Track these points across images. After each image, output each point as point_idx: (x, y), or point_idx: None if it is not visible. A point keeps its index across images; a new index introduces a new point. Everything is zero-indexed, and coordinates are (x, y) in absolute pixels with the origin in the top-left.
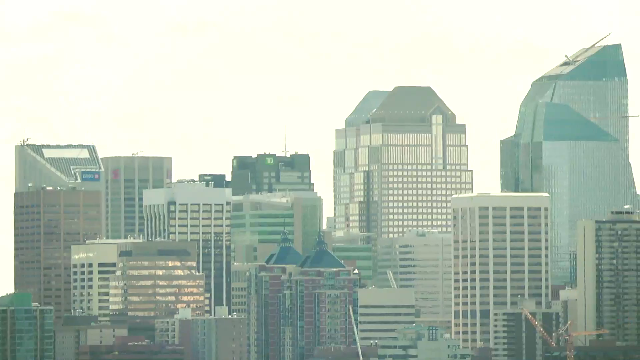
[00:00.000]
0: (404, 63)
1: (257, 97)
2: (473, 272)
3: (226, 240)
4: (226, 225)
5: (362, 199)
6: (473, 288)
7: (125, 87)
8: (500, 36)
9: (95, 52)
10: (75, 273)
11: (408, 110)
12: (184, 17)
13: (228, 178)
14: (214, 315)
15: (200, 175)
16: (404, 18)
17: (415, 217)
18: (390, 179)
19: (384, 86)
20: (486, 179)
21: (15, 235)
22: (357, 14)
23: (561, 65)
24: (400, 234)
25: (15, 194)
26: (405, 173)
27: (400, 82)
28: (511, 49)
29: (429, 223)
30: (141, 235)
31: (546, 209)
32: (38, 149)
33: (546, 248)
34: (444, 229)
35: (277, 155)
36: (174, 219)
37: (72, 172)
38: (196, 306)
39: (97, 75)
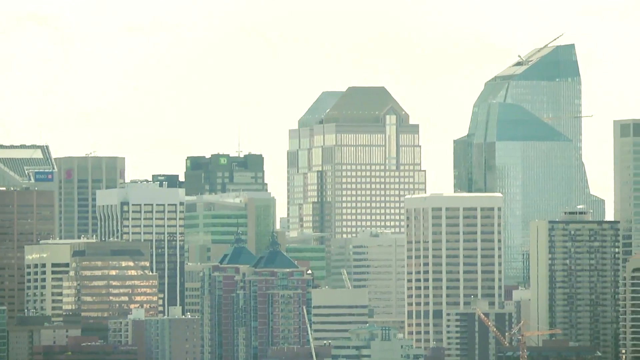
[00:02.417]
0: (358, 63)
1: (210, 98)
2: (426, 272)
3: (180, 241)
4: (180, 226)
5: (315, 200)
6: (426, 288)
7: (79, 88)
8: (453, 37)
9: (49, 52)
10: (28, 273)
11: (362, 110)
12: (138, 17)
13: (181, 178)
14: (168, 316)
15: (153, 176)
16: (357, 18)
17: (368, 217)
18: (344, 179)
19: (337, 86)
20: (439, 179)
21: None
22: (311, 14)
23: (514, 65)
24: (354, 235)
25: None
26: (358, 173)
27: (353, 82)
28: (464, 50)
29: (383, 223)
30: (94, 236)
31: (499, 209)
32: None
33: (499, 248)
34: (397, 230)
35: (230, 155)
36: (127, 219)
37: (26, 172)
38: (149, 306)
39: (51, 75)
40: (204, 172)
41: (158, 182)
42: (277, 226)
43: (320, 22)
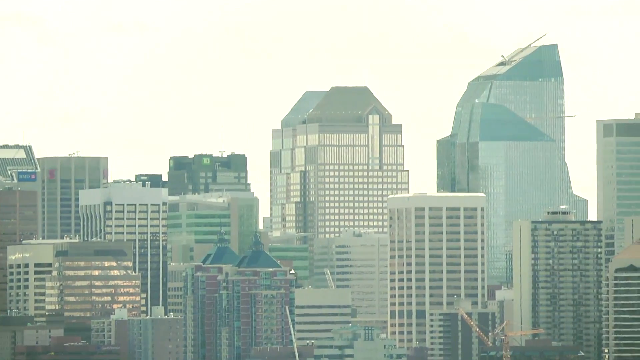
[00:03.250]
0: (341, 63)
1: (193, 98)
2: (409, 272)
3: (162, 241)
4: (162, 226)
5: (298, 199)
6: (409, 288)
7: (62, 88)
8: (436, 37)
9: (32, 52)
10: (11, 273)
11: (344, 110)
12: (121, 18)
13: (164, 178)
14: (150, 316)
15: (136, 176)
16: (341, 18)
17: (351, 217)
18: (327, 179)
19: (320, 86)
20: (422, 179)
21: None
22: (294, 14)
23: (497, 65)
24: (337, 234)
25: None
26: (341, 173)
27: (336, 82)
28: (447, 50)
29: (366, 223)
30: (77, 236)
31: (482, 209)
32: None
33: (482, 248)
34: (380, 229)
35: (213, 155)
36: (111, 219)
37: (9, 172)
38: (132, 306)
39: (34, 75)
40: (187, 172)
41: (141, 182)
42: (260, 226)
43: (303, 22)
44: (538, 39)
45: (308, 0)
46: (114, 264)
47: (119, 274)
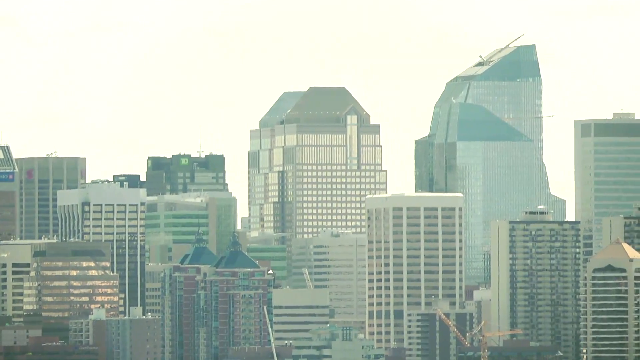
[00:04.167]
0: (319, 64)
1: (172, 98)
2: (387, 272)
3: (140, 241)
4: (140, 226)
5: (276, 200)
6: (387, 288)
7: (40, 87)
8: (414, 37)
9: (9, 52)
10: None
11: (323, 110)
12: (99, 18)
13: (142, 178)
14: (128, 316)
15: (114, 176)
16: (318, 19)
17: (329, 217)
18: (305, 180)
19: (298, 87)
20: (400, 179)
21: None
22: (272, 14)
23: (475, 65)
24: (315, 235)
25: None
26: (319, 173)
27: (314, 82)
28: (425, 50)
29: (344, 223)
30: (55, 236)
31: (460, 209)
32: None
33: (460, 248)
34: (358, 230)
35: (191, 155)
36: (88, 219)
37: None
38: (110, 307)
39: (11, 75)
40: (165, 172)
41: (119, 182)
42: (238, 226)
43: (281, 23)
44: (516, 40)
45: (286, 1)
46: (92, 264)
47: (97, 274)
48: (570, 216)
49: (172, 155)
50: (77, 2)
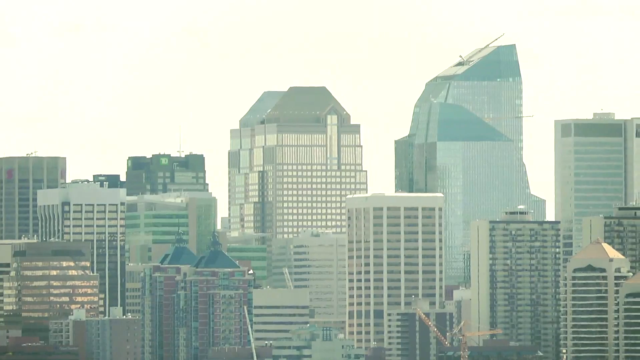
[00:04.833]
0: (299, 63)
1: (152, 98)
2: (367, 272)
3: (120, 241)
4: (120, 226)
5: (256, 199)
6: (367, 288)
7: (20, 87)
8: (394, 36)
9: None
10: None
11: (303, 110)
12: (78, 18)
13: (122, 178)
14: (108, 316)
15: (94, 176)
16: (298, 18)
17: (309, 217)
18: (285, 179)
19: (278, 86)
20: (381, 179)
21: None
22: (251, 14)
23: (455, 65)
24: (295, 234)
25: None
26: (300, 173)
27: (295, 82)
28: (405, 50)
29: (324, 223)
30: (35, 236)
31: (440, 209)
32: None
33: (440, 248)
34: (338, 230)
35: (171, 155)
36: (68, 219)
37: None
38: (90, 307)
39: None
40: (145, 172)
41: (99, 182)
42: (218, 226)
43: (261, 22)
44: (496, 39)
45: (266, 2)
46: (72, 264)
47: (77, 274)
48: (550, 216)
49: (152, 155)
50: (57, 3)
